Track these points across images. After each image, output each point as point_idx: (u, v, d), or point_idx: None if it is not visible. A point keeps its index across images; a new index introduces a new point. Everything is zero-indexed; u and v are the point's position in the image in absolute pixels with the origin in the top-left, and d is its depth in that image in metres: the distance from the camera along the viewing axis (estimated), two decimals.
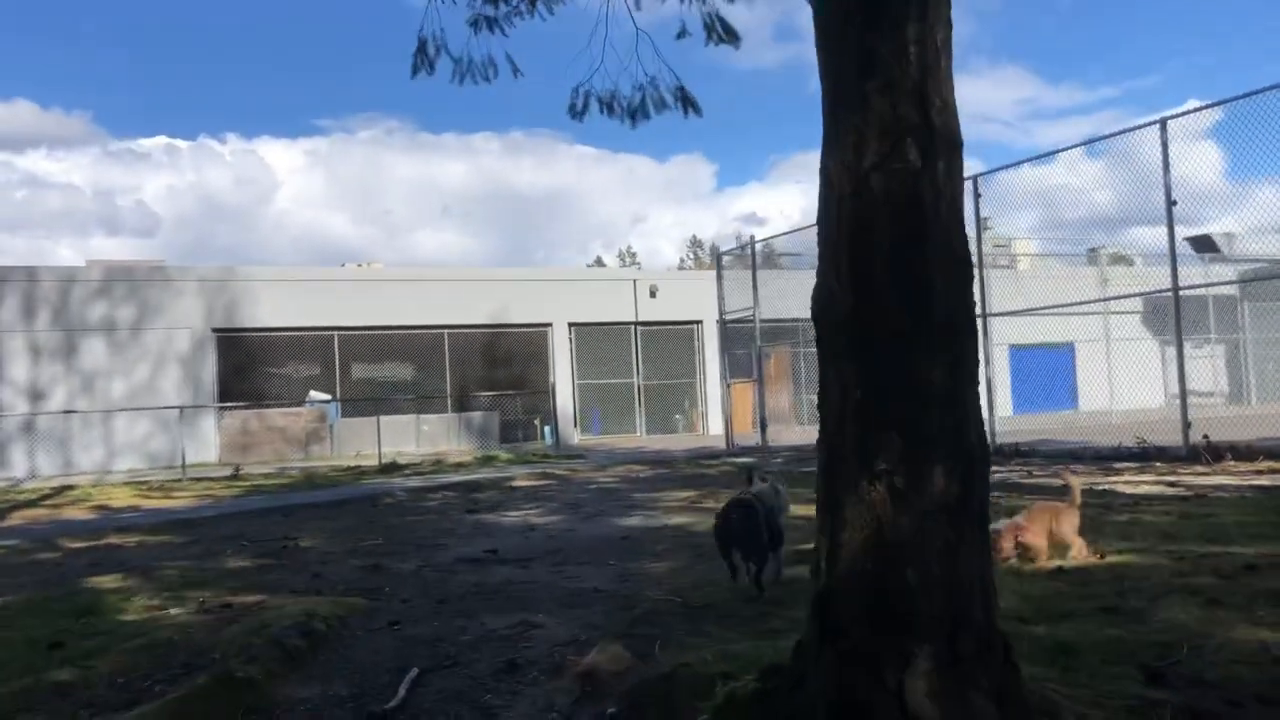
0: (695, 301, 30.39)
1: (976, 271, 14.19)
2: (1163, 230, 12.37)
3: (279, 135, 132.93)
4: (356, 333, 27.65)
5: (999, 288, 25.88)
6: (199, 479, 17.53)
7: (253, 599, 5.64)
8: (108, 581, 6.46)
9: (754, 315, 19.58)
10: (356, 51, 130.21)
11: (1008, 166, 15.27)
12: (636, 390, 30.50)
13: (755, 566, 5.25)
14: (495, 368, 30.90)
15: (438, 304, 27.99)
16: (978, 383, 2.76)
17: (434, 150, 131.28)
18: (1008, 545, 5.48)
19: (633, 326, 30.40)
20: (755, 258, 19.65)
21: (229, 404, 25.20)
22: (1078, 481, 6.08)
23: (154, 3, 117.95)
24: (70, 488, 16.77)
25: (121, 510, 12.21)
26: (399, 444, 25.63)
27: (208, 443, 25.37)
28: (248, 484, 16.17)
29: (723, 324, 20.77)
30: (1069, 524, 5.62)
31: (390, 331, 28.01)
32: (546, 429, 29.23)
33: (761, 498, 5.55)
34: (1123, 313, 28.26)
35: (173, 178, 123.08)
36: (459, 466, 17.73)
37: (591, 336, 30.09)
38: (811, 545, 2.94)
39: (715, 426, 30.50)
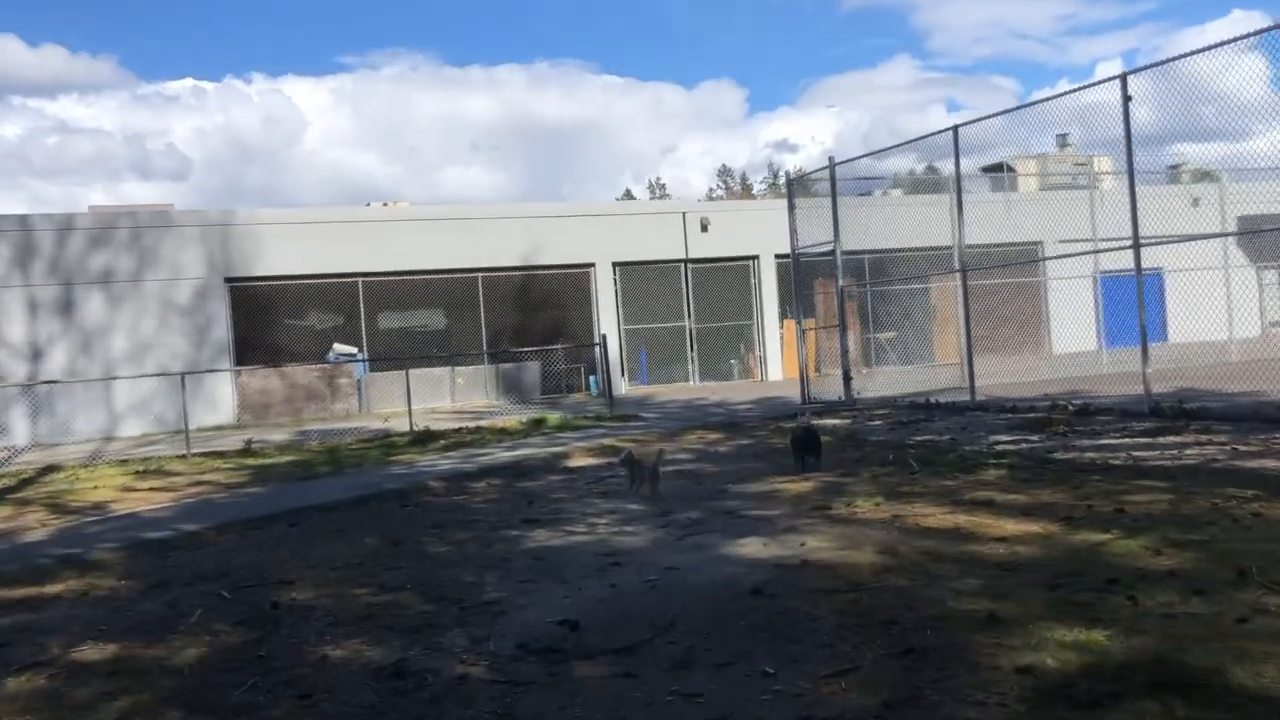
0: (750, 235, 27.74)
1: (1127, 190, 11.50)
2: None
3: (304, 74, 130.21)
4: (382, 279, 25.23)
5: (1093, 211, 23.10)
6: (206, 454, 15.33)
7: None
8: None
9: (835, 250, 17.00)
10: None
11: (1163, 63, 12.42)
12: (688, 334, 27.99)
13: (815, 460, 9.27)
14: (534, 313, 28.49)
15: (469, 245, 25.46)
16: None
17: (459, 85, 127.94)
18: None
19: (682, 264, 27.79)
20: (835, 184, 16.99)
21: (241, 367, 23.04)
22: None
23: None
24: (54, 469, 14.62)
25: (91, 514, 9.95)
26: (431, 399, 23.39)
27: (223, 403, 23.23)
28: (258, 462, 13.93)
29: (796, 260, 18.19)
30: None
31: (418, 276, 25.58)
32: (591, 379, 26.89)
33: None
34: (1211, 236, 25.58)
35: (201, 120, 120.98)
36: (502, 435, 15.40)
37: (637, 276, 27.53)
38: None
39: (774, 372, 28.07)
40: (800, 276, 18.65)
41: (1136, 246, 12.19)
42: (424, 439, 15.27)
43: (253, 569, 6.83)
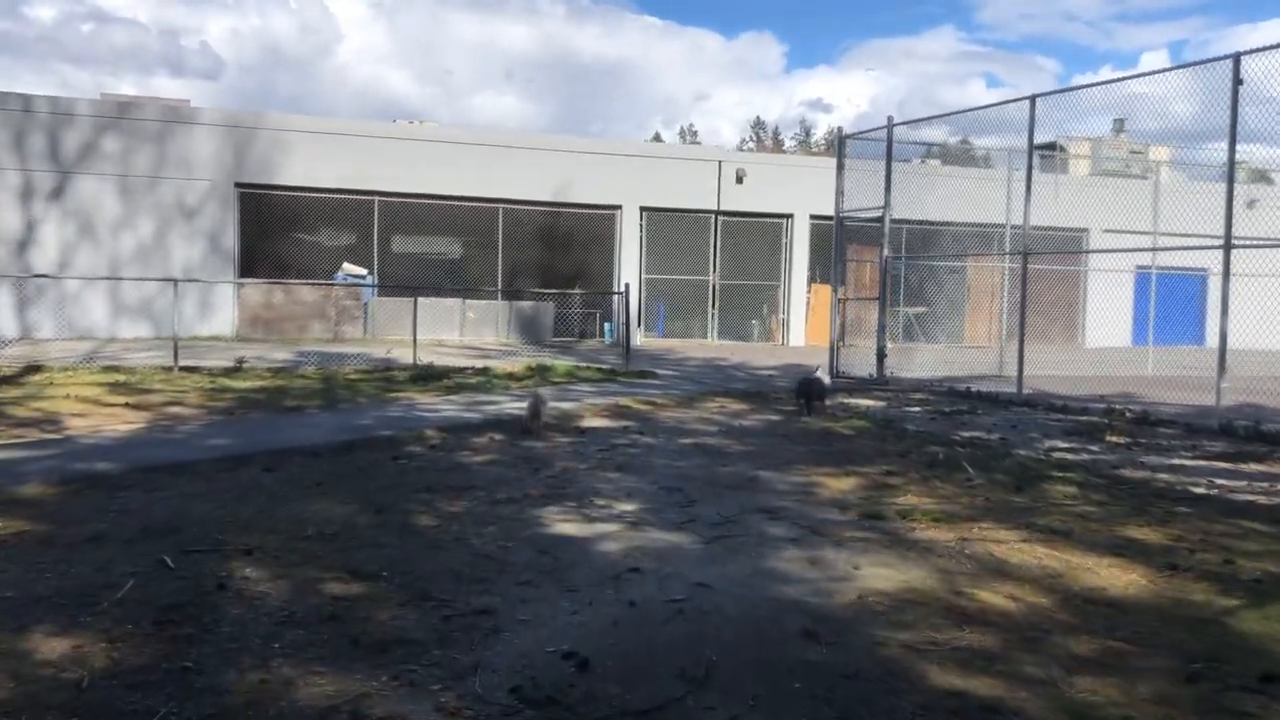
0: (786, 192, 26.49)
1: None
2: None
3: None
4: (400, 200, 24.10)
5: (1156, 202, 21.79)
6: (194, 369, 14.38)
7: None
8: None
9: (884, 217, 15.84)
10: None
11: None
12: (710, 289, 26.86)
13: (818, 404, 11.46)
14: (554, 251, 27.39)
15: (494, 174, 24.29)
16: None
17: (499, 11, 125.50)
18: None
19: (713, 215, 26.59)
20: (891, 147, 15.77)
21: (244, 279, 22.02)
22: None
23: None
24: (34, 369, 13.68)
25: (48, 430, 8.98)
26: (439, 330, 22.42)
27: (222, 314, 22.25)
28: (247, 384, 12.95)
29: (839, 222, 17.02)
30: None
31: (438, 201, 24.43)
32: (607, 326, 25.84)
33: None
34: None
35: (237, 20, 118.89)
36: (509, 380, 14.39)
37: (665, 223, 26.34)
38: None
39: (795, 338, 26.99)
40: (840, 240, 17.49)
41: (1228, 248, 11.03)
42: (426, 376, 14.27)
43: (208, 526, 5.84)
